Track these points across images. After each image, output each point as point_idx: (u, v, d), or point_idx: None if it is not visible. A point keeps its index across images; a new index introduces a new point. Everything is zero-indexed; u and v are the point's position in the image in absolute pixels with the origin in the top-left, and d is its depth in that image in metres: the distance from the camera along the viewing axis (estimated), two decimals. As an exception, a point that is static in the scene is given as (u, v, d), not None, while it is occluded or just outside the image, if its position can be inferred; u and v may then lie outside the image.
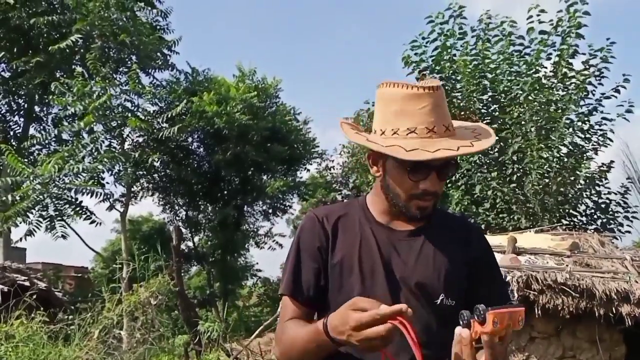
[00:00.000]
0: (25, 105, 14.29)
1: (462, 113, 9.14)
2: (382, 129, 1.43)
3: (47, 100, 12.94)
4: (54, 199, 11.12)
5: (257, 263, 20.20)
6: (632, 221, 8.57)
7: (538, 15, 8.59)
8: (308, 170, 17.66)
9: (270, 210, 17.78)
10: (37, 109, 14.52)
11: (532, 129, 8.14)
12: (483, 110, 9.23)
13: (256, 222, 18.02)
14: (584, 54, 8.53)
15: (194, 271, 20.29)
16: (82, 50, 13.01)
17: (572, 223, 8.36)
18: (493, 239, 5.32)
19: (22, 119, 14.37)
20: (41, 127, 14.51)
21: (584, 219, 8.78)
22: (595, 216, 8.77)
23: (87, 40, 12.76)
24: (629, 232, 8.54)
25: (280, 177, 16.41)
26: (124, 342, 6.76)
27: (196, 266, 19.38)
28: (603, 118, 8.49)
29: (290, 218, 20.92)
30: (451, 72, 9.10)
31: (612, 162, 8.59)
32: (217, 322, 6.88)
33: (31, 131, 14.16)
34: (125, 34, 12.21)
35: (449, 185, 9.02)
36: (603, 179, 8.71)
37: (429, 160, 1.34)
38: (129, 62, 13.28)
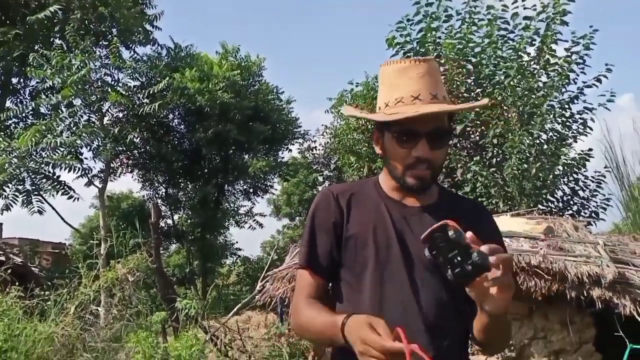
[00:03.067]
0: (2, 77, 13.95)
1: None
2: (380, 105, 1.51)
3: (24, 73, 12.65)
4: (30, 173, 10.95)
5: (236, 242, 20.26)
6: (605, 208, 8.72)
7: (523, 0, 8.60)
8: (290, 150, 17.65)
9: (251, 190, 17.79)
10: (14, 81, 14.20)
11: (514, 114, 8.18)
12: (466, 94, 9.24)
13: (236, 201, 18.06)
14: (566, 41, 8.58)
15: (174, 249, 20.24)
16: (60, 23, 12.70)
17: (548, 208, 8.48)
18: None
19: (-1, 91, 14.06)
20: (18, 100, 14.22)
21: (560, 204, 8.91)
22: (571, 202, 8.91)
23: (67, 12, 12.45)
24: (602, 220, 8.70)
25: (262, 157, 16.37)
26: (101, 319, 6.75)
27: (176, 244, 19.34)
28: (585, 107, 8.55)
29: (271, 198, 20.96)
30: (435, 54, 9.08)
31: (591, 149, 8.70)
32: (195, 299, 6.88)
33: (8, 104, 13.86)
34: (104, 6, 11.94)
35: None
36: (581, 167, 8.82)
37: (401, 118, 1.39)
38: (109, 36, 13.03)
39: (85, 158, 12.27)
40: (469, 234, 1.20)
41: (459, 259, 1.17)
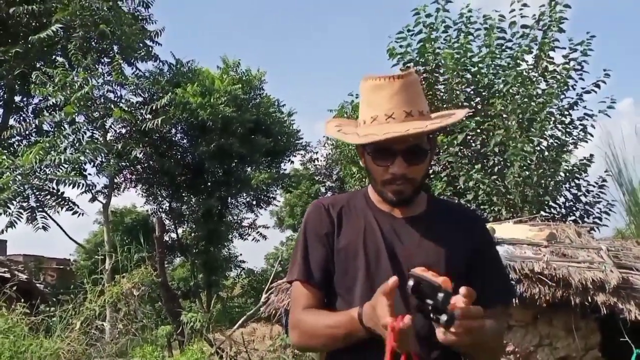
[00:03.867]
0: (5, 96, 14.07)
1: (445, 106, 9.20)
2: (360, 122, 1.51)
3: (27, 91, 12.76)
4: (35, 190, 11.00)
5: (240, 254, 20.23)
6: (609, 214, 8.71)
7: (521, 9, 8.67)
8: (292, 162, 17.70)
9: (254, 202, 17.82)
10: (17, 99, 14.31)
11: (514, 122, 8.21)
12: (465, 103, 9.29)
13: (240, 213, 18.07)
14: (564, 48, 8.62)
15: (178, 262, 20.24)
16: (62, 41, 12.83)
17: (551, 214, 8.48)
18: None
19: (1, 110, 14.15)
20: (21, 118, 14.32)
21: (563, 210, 8.91)
22: (574, 208, 8.90)
23: (68, 30, 12.58)
24: (605, 225, 8.69)
25: (264, 169, 16.43)
26: (106, 334, 6.76)
27: (180, 257, 19.34)
28: (585, 114, 8.57)
29: (274, 210, 20.98)
30: (435, 64, 9.14)
31: (592, 155, 8.71)
32: (200, 312, 6.89)
33: (11, 122, 13.97)
34: (105, 24, 12.06)
35: (432, 176, 9.09)
36: (583, 172, 8.82)
37: (371, 141, 1.41)
38: (111, 53, 13.14)
39: (89, 174, 12.38)
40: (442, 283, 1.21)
41: (433, 308, 1.22)
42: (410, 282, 1.23)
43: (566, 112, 8.65)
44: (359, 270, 1.48)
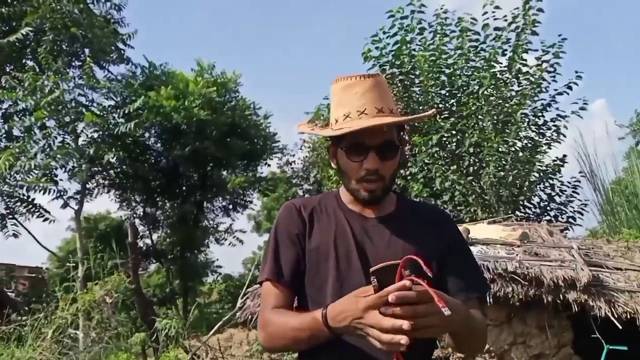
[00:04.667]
0: (-26, 101, 13.75)
1: (421, 108, 9.26)
2: (332, 121, 1.54)
3: (-4, 95, 12.48)
4: (4, 197, 10.78)
5: (217, 259, 20.07)
6: (582, 214, 8.85)
7: (493, 12, 8.77)
8: (269, 165, 17.61)
9: (230, 206, 17.68)
10: (-15, 104, 13.98)
11: (489, 123, 8.30)
12: (441, 105, 9.36)
13: (216, 218, 17.92)
14: (536, 50, 8.74)
15: (153, 269, 19.99)
16: (33, 44, 12.59)
17: (526, 214, 8.59)
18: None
19: (-30, 115, 13.81)
20: (-10, 123, 14.00)
21: (537, 210, 9.03)
22: (548, 208, 9.03)
23: (38, 33, 12.35)
24: (579, 225, 8.83)
25: (240, 173, 16.31)
26: (80, 342, 6.64)
27: (155, 264, 19.09)
28: (558, 115, 8.70)
29: (252, 214, 20.87)
30: (410, 66, 9.19)
31: (565, 156, 8.84)
32: (175, 319, 6.78)
33: (-21, 127, 13.64)
34: (76, 27, 11.87)
35: (409, 178, 9.14)
36: (556, 173, 8.95)
37: (348, 132, 1.44)
38: (82, 56, 12.92)
39: (60, 180, 12.13)
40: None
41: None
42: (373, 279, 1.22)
43: (539, 114, 8.78)
44: (330, 271, 1.48)
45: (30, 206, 11.05)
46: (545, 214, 8.93)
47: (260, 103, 21.75)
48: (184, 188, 16.10)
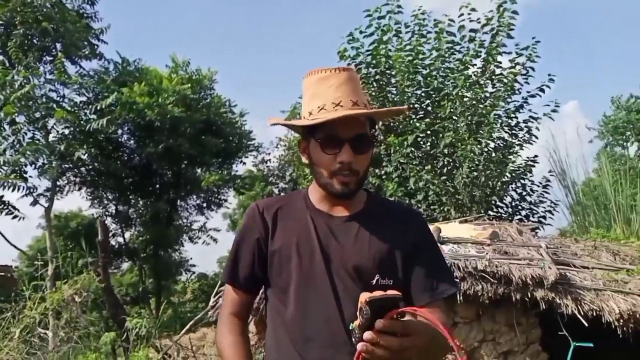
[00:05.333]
0: (-60, 95, 13.38)
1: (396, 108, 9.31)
2: (304, 115, 1.54)
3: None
4: (-28, 194, 10.52)
5: (191, 258, 19.90)
6: (553, 213, 9.00)
7: (469, 14, 8.85)
8: (244, 163, 17.51)
9: (204, 204, 17.52)
10: (-47, 98, 13.63)
11: (463, 124, 8.38)
12: (417, 105, 9.42)
13: (190, 216, 17.75)
14: (510, 52, 8.85)
15: (126, 268, 19.72)
16: (3, 38, 12.29)
17: (498, 214, 8.70)
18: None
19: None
20: (-42, 118, 13.65)
21: (509, 210, 9.15)
22: (519, 207, 9.16)
23: (8, 27, 12.07)
24: (549, 224, 8.98)
25: (215, 171, 16.17)
26: (50, 342, 6.53)
27: (128, 262, 18.84)
28: (530, 117, 8.81)
29: (227, 212, 20.72)
30: (387, 66, 9.23)
31: (536, 156, 8.98)
32: (146, 318, 6.70)
33: (-53, 122, 13.28)
34: (48, 21, 11.64)
35: (384, 177, 9.18)
36: (528, 173, 9.08)
37: (322, 122, 1.44)
38: (53, 51, 12.66)
39: (30, 176, 11.85)
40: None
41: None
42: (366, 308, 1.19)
43: (512, 115, 8.89)
44: (293, 272, 1.48)
45: (-1, 204, 10.81)
46: (517, 213, 9.06)
47: (235, 100, 21.62)
48: (157, 186, 15.91)
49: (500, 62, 8.84)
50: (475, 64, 8.97)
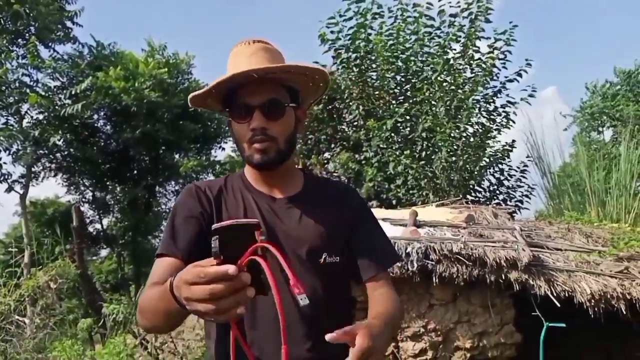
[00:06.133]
0: None
1: (377, 93, 9.29)
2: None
3: None
4: (-56, 180, 10.31)
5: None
6: (530, 198, 9.11)
7: (449, -2, 8.82)
8: (223, 149, 17.40)
9: (182, 190, 17.38)
10: None
11: (442, 109, 8.39)
12: (396, 90, 9.41)
13: (168, 202, 17.59)
14: (488, 37, 8.86)
15: (105, 254, 19.53)
16: (-27, 21, 11.99)
17: (476, 198, 8.77)
18: (399, 213, 5.49)
19: None
20: None
21: (487, 194, 9.23)
22: (497, 192, 9.25)
23: (-21, 9, 11.77)
24: (526, 208, 9.08)
25: (194, 156, 16.04)
26: (27, 329, 6.47)
27: (106, 249, 18.67)
28: (508, 102, 8.86)
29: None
30: (367, 51, 9.18)
31: (514, 141, 9.05)
32: (123, 304, 6.65)
33: None
34: (20, 3, 11.35)
35: (363, 162, 9.18)
36: (505, 157, 9.16)
37: (218, 81, 1.42)
38: (26, 34, 12.38)
39: (4, 163, 11.69)
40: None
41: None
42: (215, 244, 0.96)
43: (490, 100, 8.93)
44: None
45: (-29, 190, 10.61)
46: (494, 197, 9.15)
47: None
48: (134, 172, 15.73)
49: (478, 47, 8.87)
50: (455, 49, 8.98)
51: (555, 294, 4.23)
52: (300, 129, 1.56)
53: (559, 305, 4.19)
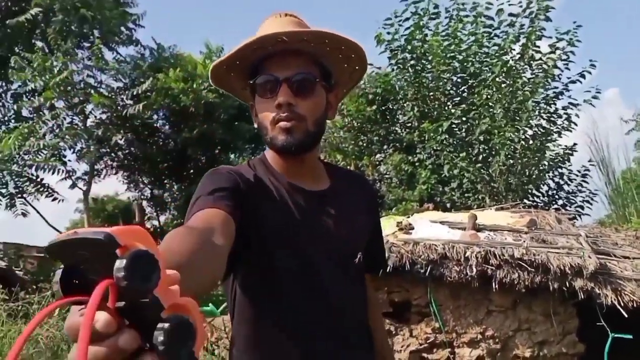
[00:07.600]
0: (-17, 81, 13.81)
1: (432, 94, 9.19)
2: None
3: (6, 76, 12.51)
4: (14, 177, 10.85)
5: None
6: (591, 203, 8.79)
7: (509, -3, 8.62)
8: (276, 148, 17.54)
9: (237, 190, 17.67)
10: (-5, 84, 14.06)
11: (500, 111, 8.22)
12: (452, 92, 9.29)
13: (223, 201, 17.91)
14: (550, 37, 8.60)
15: (161, 251, 20.07)
16: (42, 25, 12.58)
17: (534, 203, 8.54)
18: (456, 216, 5.39)
19: (-21, 95, 13.88)
20: (0, 104, 14.07)
21: (545, 199, 8.97)
22: (556, 196, 8.97)
23: (48, 14, 12.33)
24: (587, 214, 8.77)
25: (248, 156, 16.27)
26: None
27: (163, 246, 19.18)
28: (570, 103, 8.58)
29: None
30: (422, 51, 9.10)
31: (575, 144, 8.76)
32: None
33: (-11, 107, 13.72)
34: (86, 7, 11.84)
35: (417, 164, 9.10)
36: (566, 161, 8.88)
37: (250, 42, 1.27)
38: (91, 37, 12.91)
39: (69, 160, 12.21)
40: None
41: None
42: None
43: (551, 102, 8.67)
44: (286, 257, 1.31)
45: (39, 186, 11.12)
46: (554, 202, 8.88)
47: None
48: (191, 171, 16.08)
49: (539, 47, 8.62)
50: (514, 49, 8.76)
51: (622, 304, 4.06)
52: (331, 116, 1.40)
53: (626, 315, 4.01)
